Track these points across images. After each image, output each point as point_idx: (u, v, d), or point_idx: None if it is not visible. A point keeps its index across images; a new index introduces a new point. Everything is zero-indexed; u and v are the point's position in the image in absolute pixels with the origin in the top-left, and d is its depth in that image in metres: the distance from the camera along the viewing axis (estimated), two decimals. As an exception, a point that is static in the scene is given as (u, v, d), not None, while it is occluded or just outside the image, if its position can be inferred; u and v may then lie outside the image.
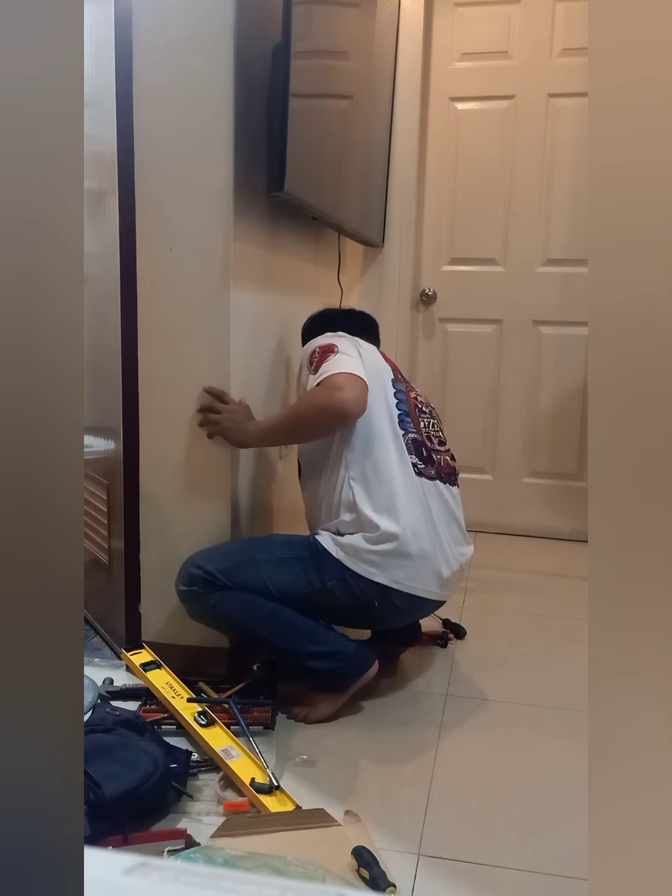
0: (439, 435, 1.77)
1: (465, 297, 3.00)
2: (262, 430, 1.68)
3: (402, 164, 2.91)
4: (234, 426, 1.68)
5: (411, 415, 1.70)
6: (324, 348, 1.64)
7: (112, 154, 1.68)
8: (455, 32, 2.87)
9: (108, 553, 1.95)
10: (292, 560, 1.62)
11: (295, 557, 1.62)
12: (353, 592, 1.59)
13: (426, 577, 1.62)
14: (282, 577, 1.60)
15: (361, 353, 1.66)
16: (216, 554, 1.64)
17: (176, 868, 0.40)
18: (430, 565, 1.61)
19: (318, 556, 1.61)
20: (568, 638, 2.10)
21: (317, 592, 1.60)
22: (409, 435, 1.67)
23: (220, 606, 1.59)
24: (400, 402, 1.70)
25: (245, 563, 1.61)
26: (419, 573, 1.60)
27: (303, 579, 1.60)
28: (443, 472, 1.71)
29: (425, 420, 1.74)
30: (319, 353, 1.63)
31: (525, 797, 1.39)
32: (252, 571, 1.60)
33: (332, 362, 1.59)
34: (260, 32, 1.70)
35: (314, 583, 1.60)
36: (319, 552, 1.61)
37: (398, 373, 1.78)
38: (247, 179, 1.70)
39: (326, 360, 1.60)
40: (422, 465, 1.66)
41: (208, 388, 1.70)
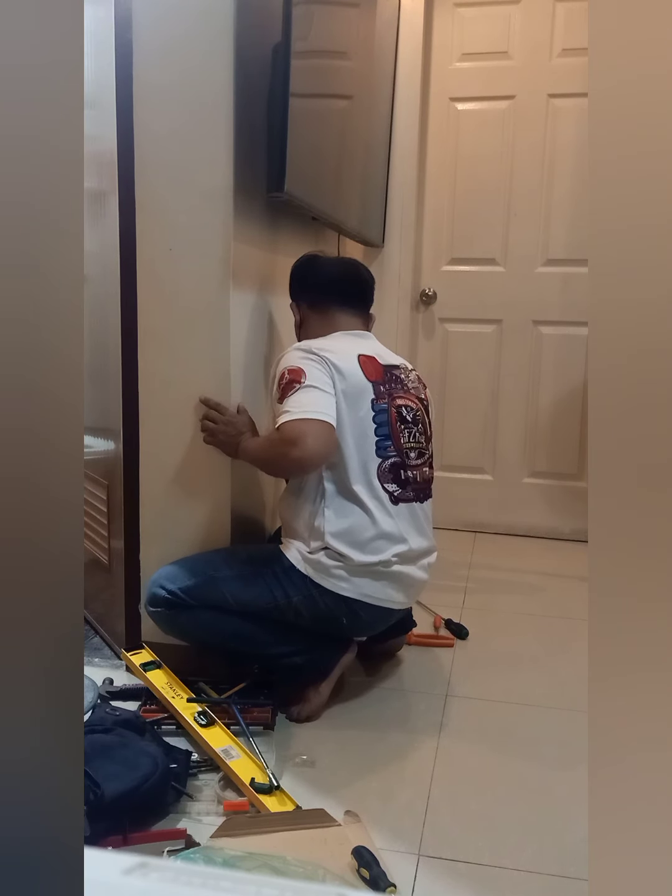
0: (420, 444, 1.69)
1: (465, 297, 3.00)
2: (245, 451, 1.66)
3: (402, 165, 2.91)
4: (225, 439, 1.68)
5: (392, 433, 1.63)
6: (291, 373, 1.55)
7: (112, 154, 1.68)
8: (455, 33, 2.87)
9: (108, 553, 1.95)
10: (255, 576, 1.60)
11: (257, 573, 1.60)
12: (319, 608, 1.58)
13: (392, 590, 1.63)
14: (245, 594, 1.58)
15: (336, 382, 1.56)
16: (179, 572, 1.62)
17: (176, 868, 0.40)
18: (399, 580, 1.63)
19: (284, 572, 1.59)
20: (568, 638, 2.10)
21: (281, 608, 1.58)
22: (388, 461, 1.61)
23: (186, 626, 1.61)
24: (380, 426, 1.61)
25: (207, 581, 1.59)
26: (386, 587, 1.61)
27: (267, 595, 1.58)
28: (418, 489, 1.67)
29: (407, 432, 1.66)
30: (287, 381, 1.55)
31: (525, 797, 1.39)
32: (215, 590, 1.58)
33: (295, 397, 1.51)
34: (260, 32, 1.70)
35: (278, 598, 1.58)
36: (285, 567, 1.59)
37: (382, 381, 1.66)
38: (247, 179, 1.70)
39: (291, 391, 1.52)
40: (399, 490, 1.62)
41: (204, 399, 1.70)
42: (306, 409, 1.50)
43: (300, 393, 1.52)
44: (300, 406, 1.50)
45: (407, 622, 1.91)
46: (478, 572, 2.58)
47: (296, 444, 1.47)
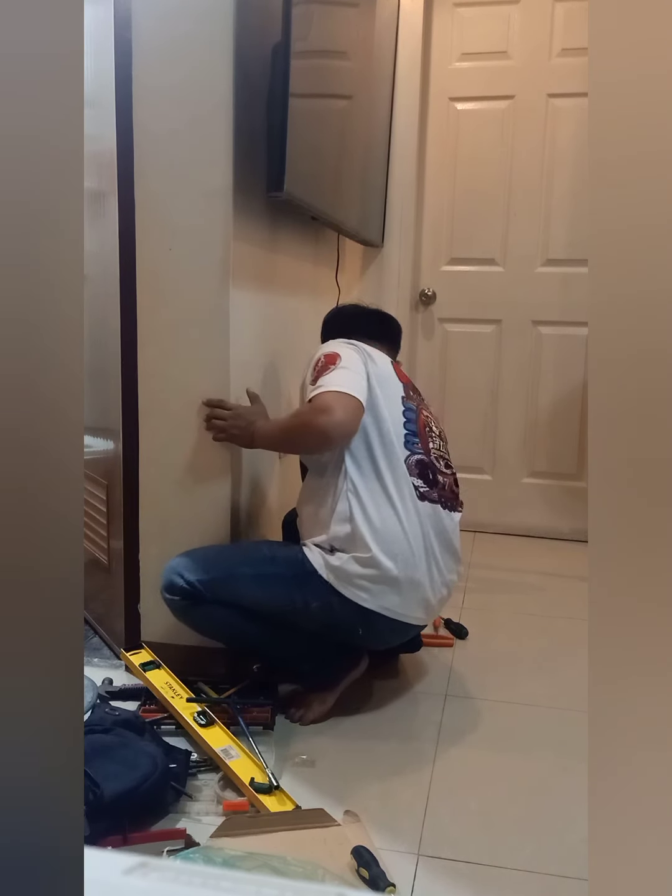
0: (446, 458, 1.71)
1: (464, 298, 3.00)
2: (262, 435, 1.66)
3: (402, 164, 2.91)
4: (238, 433, 1.68)
5: (420, 435, 1.64)
6: (327, 357, 1.59)
7: (111, 154, 1.68)
8: (454, 32, 2.87)
9: (107, 553, 1.95)
10: (275, 578, 1.57)
11: (278, 575, 1.57)
12: (337, 616, 1.55)
13: (414, 605, 1.58)
14: (264, 595, 1.56)
15: (369, 367, 1.60)
16: (199, 562, 1.58)
17: (175, 868, 0.40)
18: (420, 594, 1.57)
19: (305, 576, 1.55)
20: (568, 638, 2.10)
21: (299, 612, 1.55)
22: (415, 456, 1.60)
23: (199, 619, 1.60)
24: (408, 422, 1.63)
25: (227, 577, 1.57)
26: (408, 601, 1.56)
27: (285, 598, 1.55)
28: (446, 497, 1.64)
29: (434, 441, 1.68)
30: (322, 363, 1.59)
31: (525, 797, 1.39)
32: (234, 587, 1.56)
33: (330, 376, 1.54)
34: (260, 32, 1.70)
35: (297, 603, 1.55)
36: (307, 572, 1.55)
37: (411, 390, 1.71)
38: (246, 179, 1.70)
39: (327, 371, 1.56)
40: (425, 487, 1.60)
41: (206, 401, 1.70)
42: (339, 384, 1.53)
43: (333, 372, 1.56)
44: (332, 382, 1.54)
45: (416, 639, 1.85)
46: (477, 572, 2.58)
47: (325, 411, 1.49)
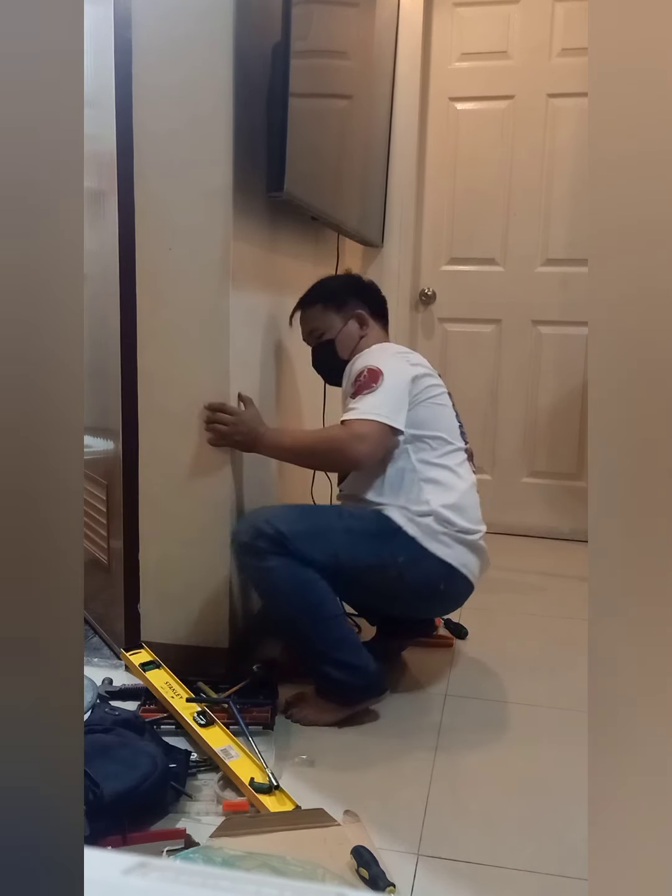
0: None
1: (464, 297, 3.01)
2: (272, 445, 1.67)
3: (402, 164, 2.91)
4: (241, 438, 1.68)
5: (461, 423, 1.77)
6: (370, 373, 1.61)
7: (111, 154, 1.68)
8: (454, 32, 2.87)
9: (107, 553, 1.95)
10: (364, 532, 1.60)
11: (366, 530, 1.60)
12: (421, 571, 1.59)
13: (478, 569, 1.69)
14: (353, 548, 1.57)
15: (416, 373, 1.65)
16: (285, 514, 1.58)
17: (175, 868, 0.40)
18: (483, 560, 1.71)
19: (392, 532, 1.59)
20: (568, 638, 2.10)
21: (386, 567, 1.58)
22: (466, 445, 1.76)
23: (275, 572, 1.54)
24: (458, 415, 1.76)
25: (317, 529, 1.57)
26: (476, 561, 1.67)
27: (373, 552, 1.58)
28: None
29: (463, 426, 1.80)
30: (364, 378, 1.61)
31: (525, 797, 1.39)
32: (323, 538, 1.56)
33: (370, 399, 1.58)
34: (260, 32, 1.70)
35: (384, 557, 1.58)
36: (393, 528, 1.59)
37: None
38: (246, 179, 1.70)
39: (368, 391, 1.59)
40: (474, 469, 1.77)
41: (208, 405, 1.69)
42: (377, 411, 1.58)
43: (374, 395, 1.59)
44: (371, 407, 1.58)
45: (429, 625, 1.98)
46: (477, 572, 2.58)
47: (362, 441, 1.55)
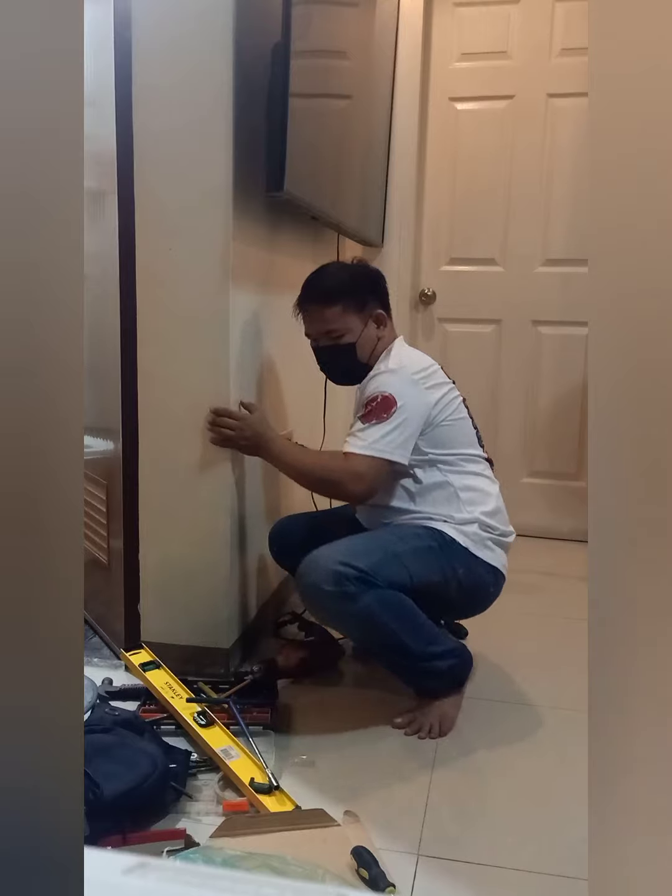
0: None
1: (464, 297, 3.00)
2: (273, 455, 1.68)
3: (402, 164, 2.91)
4: (245, 443, 1.68)
5: (477, 430, 1.79)
6: (384, 400, 1.60)
7: (111, 154, 1.68)
8: (454, 32, 2.87)
9: (107, 553, 1.95)
10: (427, 550, 1.61)
11: (429, 547, 1.62)
12: (476, 578, 1.65)
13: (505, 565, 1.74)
14: (421, 569, 1.59)
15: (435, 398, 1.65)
16: (351, 550, 1.54)
17: (175, 868, 0.40)
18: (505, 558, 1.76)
19: (447, 545, 1.63)
20: (568, 638, 2.10)
21: (447, 580, 1.61)
22: (485, 455, 1.79)
23: (372, 608, 1.50)
24: (473, 420, 1.78)
25: (388, 555, 1.55)
26: (506, 561, 1.73)
27: (437, 568, 1.61)
28: None
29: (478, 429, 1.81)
30: (378, 404, 1.60)
31: (525, 797, 1.39)
32: (397, 565, 1.55)
33: (379, 429, 1.58)
34: (260, 32, 1.70)
35: (446, 571, 1.61)
36: (447, 541, 1.63)
37: None
38: (246, 179, 1.69)
39: (378, 420, 1.58)
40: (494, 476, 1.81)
41: (214, 410, 1.68)
42: (381, 448, 1.58)
43: (381, 427, 1.59)
44: (375, 441, 1.58)
45: None
46: (477, 572, 2.58)
47: (360, 480, 1.58)
